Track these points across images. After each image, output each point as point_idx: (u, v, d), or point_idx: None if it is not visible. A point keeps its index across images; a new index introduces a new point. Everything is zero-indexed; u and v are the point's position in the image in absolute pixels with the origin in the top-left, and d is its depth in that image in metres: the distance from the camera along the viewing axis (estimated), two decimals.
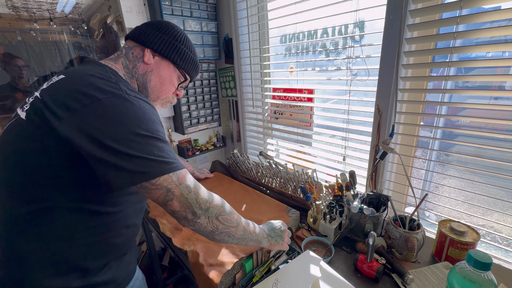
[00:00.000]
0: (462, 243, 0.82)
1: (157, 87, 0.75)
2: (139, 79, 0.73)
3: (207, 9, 1.56)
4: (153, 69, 0.73)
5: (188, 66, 0.79)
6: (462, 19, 0.82)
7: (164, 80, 0.75)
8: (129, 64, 0.71)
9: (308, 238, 1.01)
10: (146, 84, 0.73)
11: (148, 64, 0.72)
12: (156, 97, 0.77)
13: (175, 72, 0.77)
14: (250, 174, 1.49)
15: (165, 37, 0.73)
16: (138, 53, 0.72)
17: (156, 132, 0.57)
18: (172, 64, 0.76)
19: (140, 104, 0.57)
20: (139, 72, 0.72)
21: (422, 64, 0.96)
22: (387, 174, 1.13)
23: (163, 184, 0.57)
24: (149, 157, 0.54)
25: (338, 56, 1.24)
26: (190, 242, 0.96)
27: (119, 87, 0.57)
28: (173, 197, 0.58)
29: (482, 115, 0.93)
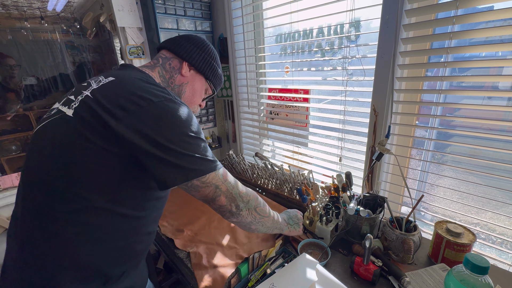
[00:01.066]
0: (459, 245, 0.82)
1: (189, 98, 0.82)
2: (175, 89, 0.78)
3: (201, 8, 1.54)
4: (189, 82, 0.80)
5: (216, 81, 0.87)
6: (458, 19, 0.81)
7: (196, 92, 0.83)
8: (165, 74, 0.76)
9: (304, 241, 1.00)
10: (181, 95, 0.80)
11: (185, 76, 0.78)
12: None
13: (205, 86, 0.85)
14: (245, 175, 1.48)
15: (202, 53, 0.79)
16: (176, 65, 0.77)
17: (201, 134, 0.63)
18: (205, 78, 0.83)
19: (187, 108, 0.63)
20: (175, 82, 0.78)
21: (418, 65, 0.95)
22: (383, 175, 1.13)
23: (212, 181, 0.62)
24: (200, 156, 0.60)
25: (334, 56, 1.23)
26: (193, 244, 0.95)
27: (168, 92, 0.62)
28: (220, 193, 0.65)
29: (476, 115, 0.93)
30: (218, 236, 0.99)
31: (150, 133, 0.54)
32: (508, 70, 0.92)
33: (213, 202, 0.65)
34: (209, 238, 0.97)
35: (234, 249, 0.90)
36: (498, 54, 1.05)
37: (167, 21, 1.42)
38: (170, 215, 1.14)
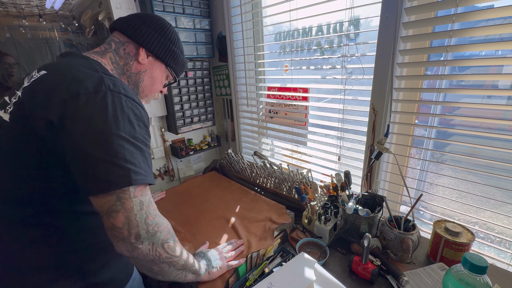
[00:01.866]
0: (457, 244, 0.82)
1: (148, 87, 0.76)
2: (131, 78, 0.71)
3: (200, 6, 1.53)
4: (147, 70, 0.73)
5: (178, 68, 0.80)
6: (458, 17, 0.80)
7: (155, 80, 0.76)
8: (119, 61, 0.69)
9: (303, 240, 0.99)
10: (138, 83, 0.73)
11: (142, 64, 0.71)
12: (145, 95, 0.78)
13: (165, 73, 0.79)
14: (244, 174, 1.48)
15: (161, 38, 0.72)
16: (131, 51, 0.69)
17: (132, 135, 0.53)
18: (165, 65, 0.77)
19: (121, 101, 0.54)
20: (131, 70, 0.70)
21: (417, 63, 0.94)
22: (382, 174, 1.13)
23: (116, 190, 0.51)
24: (116, 162, 0.50)
25: (333, 55, 1.22)
26: (190, 244, 0.94)
27: (101, 81, 0.53)
28: (120, 208, 0.51)
29: (476, 114, 0.93)
30: (216, 235, 0.98)
31: (74, 134, 0.49)
32: (508, 68, 0.92)
33: (106, 217, 0.51)
34: (207, 238, 0.97)
35: None
36: (498, 53, 1.05)
37: (165, 20, 1.40)
38: (167, 215, 1.13)
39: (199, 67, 1.66)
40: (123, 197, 0.51)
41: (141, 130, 0.56)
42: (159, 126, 1.66)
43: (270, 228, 1.01)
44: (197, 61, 1.64)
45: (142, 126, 0.57)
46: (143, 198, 0.54)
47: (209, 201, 1.23)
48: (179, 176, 1.84)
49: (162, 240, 0.58)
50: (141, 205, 0.54)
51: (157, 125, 1.65)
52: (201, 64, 1.66)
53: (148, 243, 0.55)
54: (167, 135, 1.71)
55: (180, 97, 1.60)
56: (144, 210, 0.54)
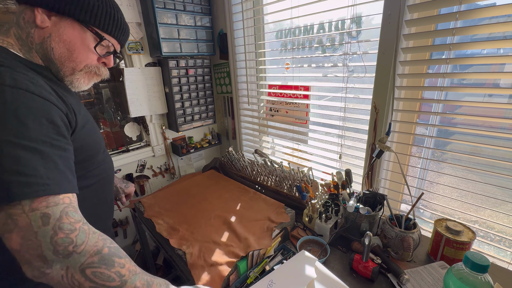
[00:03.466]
0: (458, 243, 0.82)
1: (65, 56, 0.59)
2: (39, 51, 0.58)
3: (201, 3, 1.52)
4: (52, 33, 0.57)
5: (101, 21, 0.61)
6: (461, 15, 0.80)
7: (72, 45, 0.59)
8: (22, 34, 0.57)
9: (304, 238, 0.99)
10: (50, 55, 0.58)
11: (44, 28, 0.57)
12: (71, 69, 0.61)
13: (86, 33, 0.60)
14: (245, 172, 1.48)
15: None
16: (30, 16, 0.57)
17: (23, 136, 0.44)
18: (77, 22, 0.59)
19: (4, 95, 0.44)
20: (35, 41, 0.57)
21: (420, 61, 0.94)
22: (383, 173, 1.12)
23: (3, 207, 0.42)
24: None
25: (334, 52, 1.21)
26: (188, 243, 0.94)
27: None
28: (13, 227, 0.42)
29: (477, 113, 0.92)
30: (214, 234, 0.98)
31: None
32: (510, 67, 0.91)
33: (2, 239, 0.43)
34: (205, 237, 0.97)
35: (231, 247, 0.89)
36: (500, 51, 1.04)
37: (166, 16, 1.40)
38: (165, 213, 1.14)
39: (200, 64, 1.65)
40: (14, 213, 0.42)
41: (41, 128, 0.47)
42: (159, 124, 1.66)
43: (269, 227, 1.01)
44: (198, 58, 1.64)
45: (43, 123, 0.47)
46: (50, 210, 0.44)
47: (207, 200, 1.23)
48: (179, 174, 1.84)
49: (83, 263, 0.44)
50: (44, 219, 0.43)
51: (158, 123, 1.65)
52: (202, 61, 1.65)
53: (60, 267, 0.43)
54: (168, 132, 1.71)
55: (181, 95, 1.59)
56: (50, 225, 0.43)
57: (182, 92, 1.60)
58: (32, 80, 0.49)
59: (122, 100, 1.57)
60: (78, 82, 0.64)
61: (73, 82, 0.63)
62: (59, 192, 0.46)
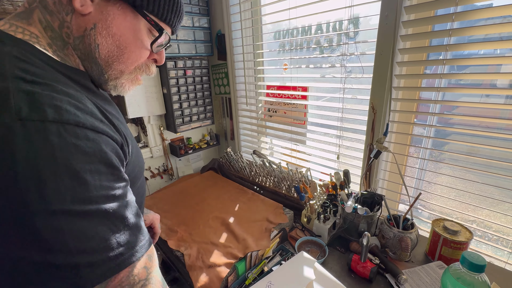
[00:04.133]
0: (455, 243, 0.82)
1: (115, 55, 0.44)
2: (78, 47, 0.42)
3: (199, 4, 1.52)
4: (97, 24, 0.41)
5: (160, 6, 0.44)
6: (458, 16, 0.80)
7: (123, 40, 0.43)
8: (52, 21, 0.39)
9: (302, 239, 0.99)
10: (93, 54, 0.42)
11: (85, 15, 0.40)
12: (120, 72, 0.46)
13: (140, 23, 0.44)
14: (243, 173, 1.47)
15: None
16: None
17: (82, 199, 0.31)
18: (130, 7, 0.42)
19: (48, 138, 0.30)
20: (73, 33, 0.41)
21: (417, 62, 0.94)
22: (381, 173, 1.13)
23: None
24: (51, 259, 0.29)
25: (332, 53, 1.22)
26: (186, 244, 0.94)
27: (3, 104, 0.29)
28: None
29: (474, 113, 0.93)
30: (212, 235, 0.98)
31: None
32: (507, 67, 0.92)
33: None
34: (203, 238, 0.97)
35: (229, 248, 0.89)
36: (496, 52, 1.05)
37: None
38: (163, 214, 1.13)
39: (198, 65, 1.65)
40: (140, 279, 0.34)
41: (101, 179, 0.34)
42: (157, 125, 1.65)
43: (267, 228, 1.01)
44: (196, 59, 1.63)
45: (103, 171, 0.34)
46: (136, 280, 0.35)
47: (206, 201, 1.23)
48: (178, 175, 1.83)
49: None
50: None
51: (156, 124, 1.64)
52: (200, 62, 1.65)
53: None
54: (166, 133, 1.71)
55: (179, 96, 1.59)
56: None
57: (180, 93, 1.59)
58: (79, 105, 0.35)
59: (120, 101, 1.57)
60: (123, 87, 0.49)
61: (117, 87, 0.48)
62: (135, 259, 0.36)
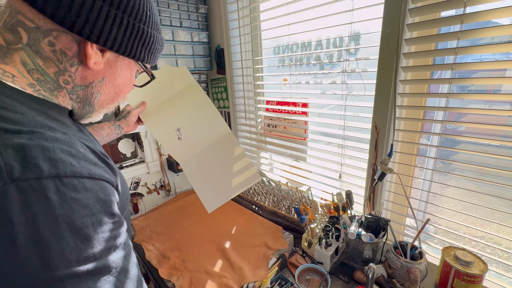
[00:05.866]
0: (469, 275, 0.76)
1: (110, 98, 0.47)
2: (77, 93, 0.42)
3: (198, 19, 1.51)
4: (105, 77, 0.43)
5: (155, 57, 0.50)
6: (463, 34, 0.77)
7: (122, 87, 0.47)
8: (45, 66, 0.37)
9: (302, 266, 0.93)
10: (92, 99, 0.44)
11: (95, 70, 0.41)
12: (105, 107, 0.49)
13: (134, 68, 0.49)
14: None
15: (119, 13, 0.38)
16: (68, 47, 0.37)
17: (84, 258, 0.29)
18: (135, 61, 0.47)
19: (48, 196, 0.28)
20: (75, 82, 0.41)
21: (421, 80, 0.90)
22: (386, 194, 1.07)
23: None
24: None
25: (333, 69, 1.19)
26: (179, 273, 0.88)
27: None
28: None
29: (478, 131, 0.88)
30: (207, 263, 0.92)
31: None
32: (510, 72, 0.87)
33: None
34: (197, 266, 0.91)
35: (224, 279, 0.83)
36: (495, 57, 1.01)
37: (162, 32, 1.38)
38: (157, 237, 1.08)
39: (196, 79, 1.63)
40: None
41: (103, 230, 0.32)
42: (155, 140, 1.62)
43: (265, 255, 0.95)
44: (194, 73, 1.61)
45: (104, 221, 0.32)
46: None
47: (201, 222, 1.17)
48: (175, 191, 1.78)
49: None
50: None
51: (153, 139, 1.61)
52: (198, 76, 1.63)
53: None
54: (163, 148, 1.67)
55: None
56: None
57: None
58: (71, 151, 0.32)
59: (117, 113, 1.54)
60: (97, 116, 0.50)
61: (93, 117, 0.49)
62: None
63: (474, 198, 0.88)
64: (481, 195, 0.86)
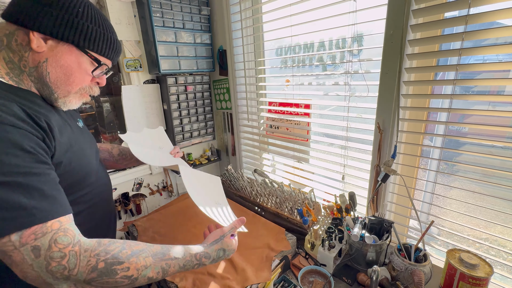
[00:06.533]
0: (474, 278, 0.75)
1: (62, 80, 0.59)
2: (33, 74, 0.57)
3: (200, 21, 1.52)
4: (48, 58, 0.57)
5: (99, 46, 0.61)
6: (468, 35, 0.76)
7: (69, 69, 0.59)
8: (13, 57, 0.56)
9: (306, 268, 0.93)
10: (45, 79, 0.58)
11: (40, 52, 0.56)
12: (66, 92, 0.62)
13: (83, 57, 0.60)
14: (244, 192, 1.42)
15: (53, 11, 0.55)
16: (23, 39, 0.55)
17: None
18: (75, 47, 0.58)
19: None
20: (29, 64, 0.56)
21: (424, 82, 0.90)
22: (389, 196, 1.07)
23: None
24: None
25: (335, 70, 1.19)
26: (182, 274, 0.88)
27: None
28: (10, 262, 0.45)
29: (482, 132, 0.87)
30: (209, 266, 0.92)
31: None
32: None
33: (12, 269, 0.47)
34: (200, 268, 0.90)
35: (227, 280, 0.83)
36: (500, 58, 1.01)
37: (165, 34, 1.39)
38: (159, 239, 1.08)
39: (199, 81, 1.63)
40: (8, 250, 0.44)
41: (17, 159, 0.46)
42: None
43: (268, 257, 0.94)
44: (197, 75, 1.62)
45: (17, 154, 0.46)
46: (39, 242, 0.45)
47: (204, 223, 1.17)
48: (178, 192, 1.78)
49: (85, 280, 0.49)
50: (35, 252, 0.45)
51: None
52: (201, 78, 1.64)
53: (67, 285, 0.48)
54: None
55: (179, 112, 1.57)
56: (42, 257, 0.45)
57: (180, 109, 1.57)
58: (3, 109, 0.48)
59: (120, 115, 1.55)
60: (70, 103, 0.64)
61: (66, 103, 0.63)
62: (46, 220, 0.47)
63: (478, 199, 0.88)
64: (485, 197, 0.86)
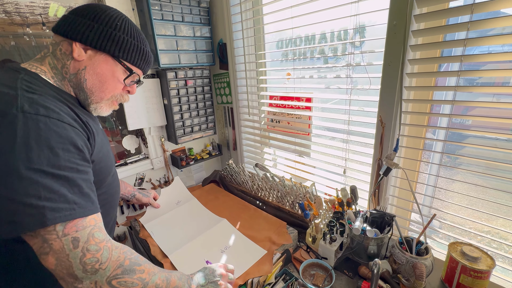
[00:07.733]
0: (476, 271, 0.75)
1: (97, 87, 0.65)
2: (72, 80, 0.63)
3: (200, 14, 1.49)
4: (87, 66, 0.63)
5: (132, 57, 0.67)
6: (473, 25, 0.74)
7: (104, 77, 0.65)
8: (57, 64, 0.62)
9: (307, 261, 0.93)
10: (82, 85, 0.64)
11: (80, 61, 0.62)
12: (99, 98, 0.67)
13: (117, 66, 0.66)
14: (245, 186, 1.42)
15: (95, 24, 0.61)
16: (66, 49, 0.62)
17: (53, 164, 0.48)
18: (111, 57, 0.64)
19: (38, 124, 0.48)
20: (70, 71, 0.62)
21: (428, 73, 0.88)
22: (391, 189, 1.06)
23: (40, 232, 0.47)
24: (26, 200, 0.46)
25: (337, 63, 1.17)
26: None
27: (11, 102, 0.48)
28: (49, 250, 0.48)
29: (486, 124, 0.86)
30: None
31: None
32: None
33: (40, 258, 0.50)
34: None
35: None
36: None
37: (164, 28, 1.37)
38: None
39: (199, 75, 1.62)
40: (50, 238, 0.48)
41: (69, 155, 0.51)
42: (158, 136, 1.62)
43: (270, 250, 0.95)
44: (197, 69, 1.60)
45: (70, 150, 0.52)
46: (79, 234, 0.50)
47: None
48: None
49: (108, 277, 0.52)
50: (75, 243, 0.49)
51: (157, 135, 1.61)
52: (201, 72, 1.62)
53: (89, 282, 0.51)
54: (167, 144, 1.67)
55: (179, 106, 1.56)
56: (79, 248, 0.50)
57: (181, 103, 1.56)
58: (61, 108, 0.54)
59: (121, 111, 1.54)
60: (101, 109, 0.70)
61: (97, 109, 0.69)
62: (86, 215, 0.52)
63: (480, 192, 0.87)
64: (487, 190, 0.85)
